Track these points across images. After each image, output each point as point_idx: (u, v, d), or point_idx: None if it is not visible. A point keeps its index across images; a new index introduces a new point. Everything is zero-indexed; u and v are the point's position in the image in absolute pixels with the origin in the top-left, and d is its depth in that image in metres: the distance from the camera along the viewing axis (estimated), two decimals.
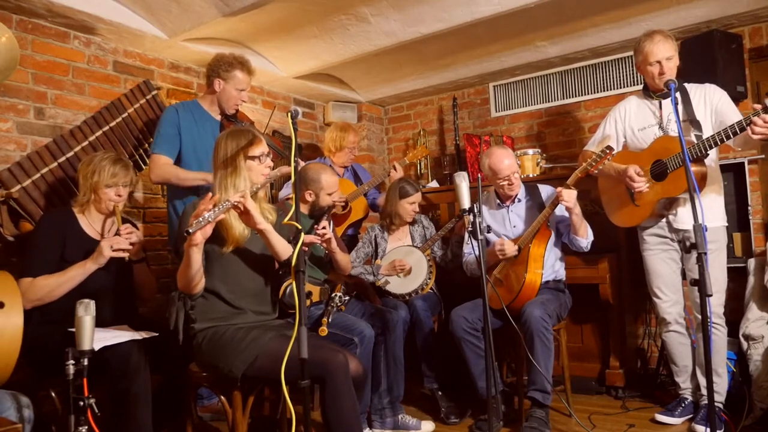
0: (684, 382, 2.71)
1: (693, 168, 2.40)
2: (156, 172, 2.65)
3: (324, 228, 2.42)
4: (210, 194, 1.97)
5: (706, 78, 2.71)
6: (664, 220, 2.62)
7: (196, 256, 1.88)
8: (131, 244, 2.26)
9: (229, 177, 2.03)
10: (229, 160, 2.04)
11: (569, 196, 2.59)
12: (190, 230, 1.76)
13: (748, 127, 2.19)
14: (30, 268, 2.15)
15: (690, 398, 2.69)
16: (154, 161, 2.66)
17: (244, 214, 1.95)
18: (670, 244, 2.64)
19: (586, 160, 2.60)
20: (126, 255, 2.25)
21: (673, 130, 2.57)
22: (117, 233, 2.29)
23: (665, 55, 2.51)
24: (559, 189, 2.63)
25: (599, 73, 3.89)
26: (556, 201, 2.63)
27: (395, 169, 3.54)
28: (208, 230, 1.84)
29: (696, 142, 2.43)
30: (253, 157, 2.07)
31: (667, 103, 2.62)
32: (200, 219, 1.78)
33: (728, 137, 2.29)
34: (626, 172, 2.57)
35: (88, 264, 2.18)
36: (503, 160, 2.82)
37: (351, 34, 3.47)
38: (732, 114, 2.47)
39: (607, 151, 2.54)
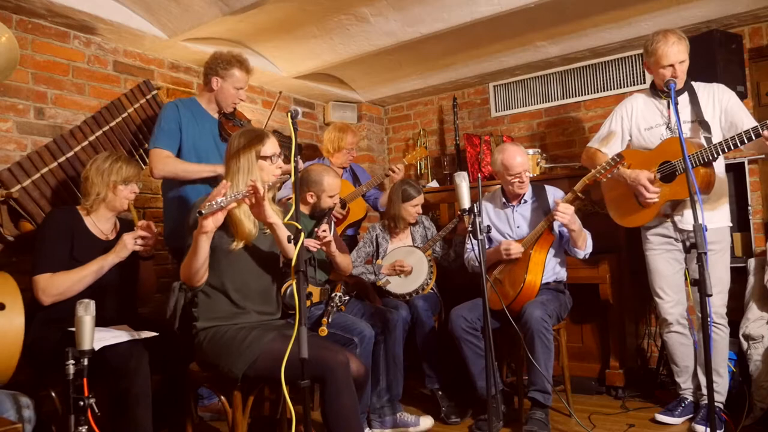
0: (684, 383, 2.71)
1: (702, 170, 2.38)
2: (159, 166, 2.54)
3: (324, 231, 2.42)
4: (224, 182, 1.94)
5: (705, 78, 2.70)
6: (669, 220, 2.60)
7: (205, 245, 1.87)
8: (149, 237, 2.30)
9: (241, 176, 2.04)
10: (242, 158, 2.04)
11: (563, 215, 2.56)
12: (203, 211, 1.75)
13: (764, 132, 2.16)
14: (44, 264, 2.14)
15: (690, 398, 2.69)
16: (156, 155, 2.56)
17: (256, 207, 1.94)
18: (674, 244, 2.62)
19: (596, 167, 2.55)
20: (144, 249, 2.29)
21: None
22: (129, 230, 2.30)
23: (679, 58, 2.45)
24: (556, 201, 2.61)
25: (599, 73, 3.89)
26: (553, 216, 2.61)
27: (395, 171, 3.52)
28: (220, 218, 1.84)
29: (706, 145, 2.40)
30: (265, 157, 2.07)
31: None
32: (213, 203, 1.77)
33: (742, 143, 2.25)
34: (638, 180, 2.51)
35: (109, 257, 2.20)
36: (516, 156, 2.80)
37: (351, 34, 3.47)
38: (742, 115, 2.45)
39: (618, 160, 2.47)
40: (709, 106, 2.52)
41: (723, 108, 2.50)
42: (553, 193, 2.89)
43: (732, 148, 2.29)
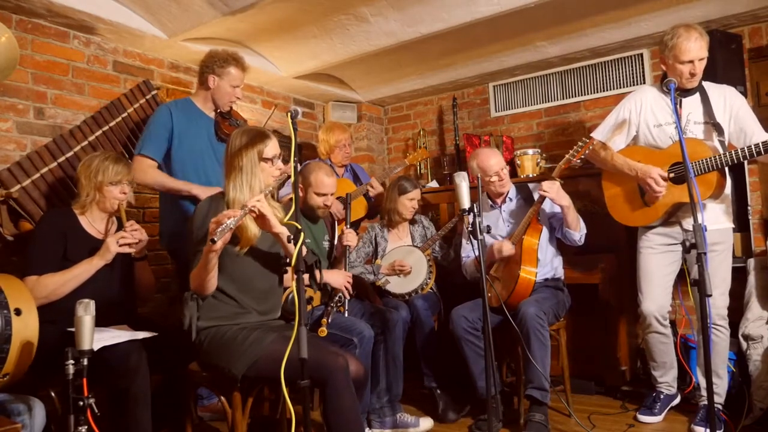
0: (661, 377, 2.72)
1: (717, 176, 2.36)
2: (139, 175, 2.56)
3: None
4: (230, 211, 1.94)
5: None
6: (673, 219, 2.57)
7: (215, 261, 1.90)
8: (138, 240, 2.28)
9: (243, 177, 2.03)
10: (243, 158, 2.04)
11: (549, 186, 2.60)
12: (216, 239, 1.77)
13: None
14: (33, 267, 2.14)
15: (665, 392, 2.71)
16: (139, 163, 2.58)
17: (260, 218, 1.94)
18: (675, 245, 2.60)
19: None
20: (132, 251, 2.27)
21: (691, 131, 2.49)
22: (121, 230, 2.29)
23: (700, 55, 2.40)
24: (541, 182, 2.64)
25: (599, 73, 3.89)
26: (542, 195, 2.64)
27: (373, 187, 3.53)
28: (228, 236, 1.86)
29: (721, 148, 2.38)
30: (266, 159, 2.07)
31: (688, 101, 2.52)
32: (222, 227, 1.78)
33: (764, 152, 2.23)
34: (649, 173, 2.46)
35: (94, 260, 2.19)
36: (490, 158, 2.86)
37: (351, 34, 3.47)
38: (752, 123, 2.43)
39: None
40: (720, 108, 2.47)
41: (734, 113, 2.46)
42: (535, 187, 2.91)
43: (755, 155, 2.26)
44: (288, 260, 2.07)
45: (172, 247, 2.77)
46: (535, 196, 2.85)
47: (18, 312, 1.83)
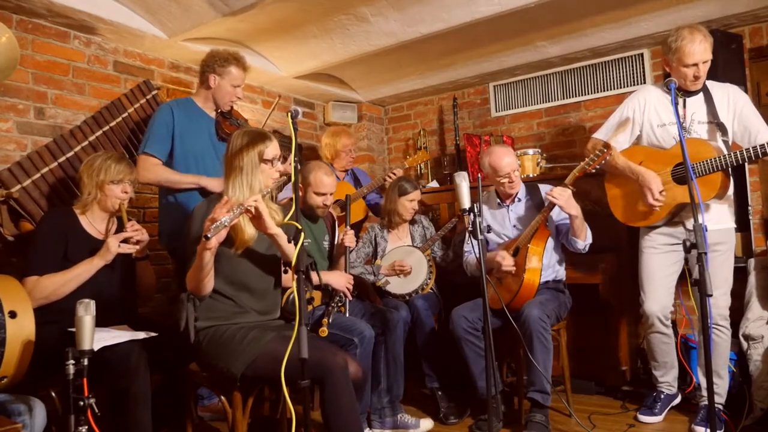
0: (662, 376, 2.72)
1: (722, 176, 2.36)
2: (144, 174, 2.56)
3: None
4: (225, 198, 1.94)
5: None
6: (676, 219, 2.57)
7: (209, 259, 1.89)
8: (138, 241, 2.28)
9: (243, 177, 2.03)
10: (244, 158, 2.03)
11: (559, 193, 2.56)
12: (209, 235, 1.76)
13: None
14: (33, 267, 2.14)
15: (666, 391, 2.71)
16: (144, 162, 2.58)
17: (256, 219, 1.95)
18: (677, 245, 2.58)
19: (584, 159, 2.57)
20: (133, 251, 2.27)
21: (695, 131, 2.48)
22: (122, 231, 2.29)
23: (704, 58, 2.38)
24: (549, 192, 2.61)
25: (599, 73, 3.89)
26: (552, 202, 2.61)
27: (395, 174, 3.54)
28: (223, 234, 1.85)
29: (725, 148, 2.37)
30: (266, 160, 2.07)
31: (692, 101, 2.50)
32: (217, 224, 1.78)
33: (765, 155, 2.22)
34: (647, 183, 2.46)
35: (95, 260, 2.19)
36: (503, 158, 2.81)
37: (351, 34, 3.47)
38: (756, 121, 2.41)
39: (605, 150, 2.47)
40: (723, 108, 2.46)
41: (737, 112, 2.45)
42: (546, 190, 2.89)
43: (754, 158, 2.25)
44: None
45: (172, 246, 2.76)
46: (544, 196, 2.85)
47: (12, 314, 1.83)
